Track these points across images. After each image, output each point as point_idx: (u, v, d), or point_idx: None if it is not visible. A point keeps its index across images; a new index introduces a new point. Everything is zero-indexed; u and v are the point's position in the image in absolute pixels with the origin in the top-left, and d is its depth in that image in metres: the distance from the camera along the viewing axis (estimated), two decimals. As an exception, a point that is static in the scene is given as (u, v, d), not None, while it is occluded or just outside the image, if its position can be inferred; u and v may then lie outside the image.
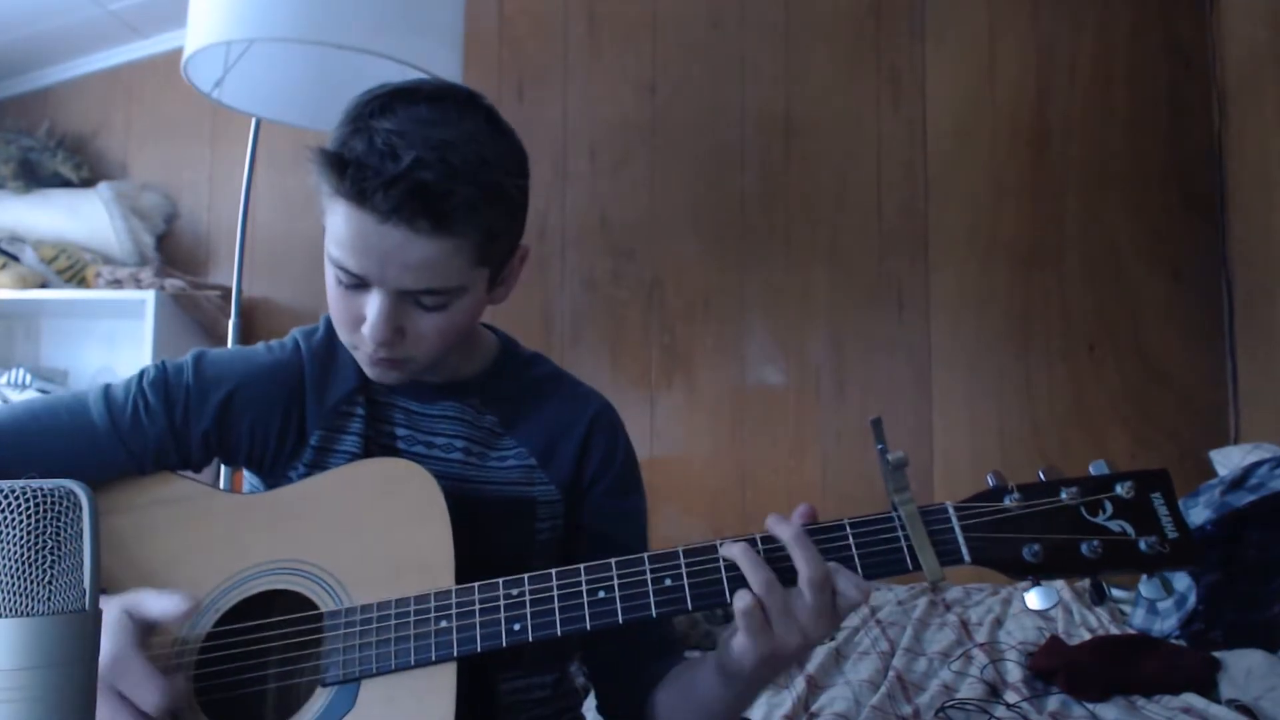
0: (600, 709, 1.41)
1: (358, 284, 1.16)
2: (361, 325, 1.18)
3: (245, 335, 2.76)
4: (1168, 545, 1.01)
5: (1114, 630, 2.24)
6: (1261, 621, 2.05)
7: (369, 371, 1.26)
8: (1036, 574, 1.04)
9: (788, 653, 1.06)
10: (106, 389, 1.28)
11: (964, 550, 1.05)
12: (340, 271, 1.16)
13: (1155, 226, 3.11)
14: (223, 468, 2.25)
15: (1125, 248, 3.11)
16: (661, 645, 1.33)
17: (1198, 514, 2.19)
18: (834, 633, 2.18)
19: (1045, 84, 3.19)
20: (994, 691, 1.96)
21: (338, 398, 1.32)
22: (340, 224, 1.13)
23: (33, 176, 3.31)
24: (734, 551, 1.07)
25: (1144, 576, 1.04)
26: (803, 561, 1.04)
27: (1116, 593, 2.56)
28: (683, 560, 1.09)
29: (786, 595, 1.05)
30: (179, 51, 2.36)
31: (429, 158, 1.09)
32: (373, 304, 1.16)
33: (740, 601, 1.05)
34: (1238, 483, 2.21)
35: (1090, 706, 1.83)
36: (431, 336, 1.20)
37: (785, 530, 1.07)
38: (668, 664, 1.30)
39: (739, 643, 1.07)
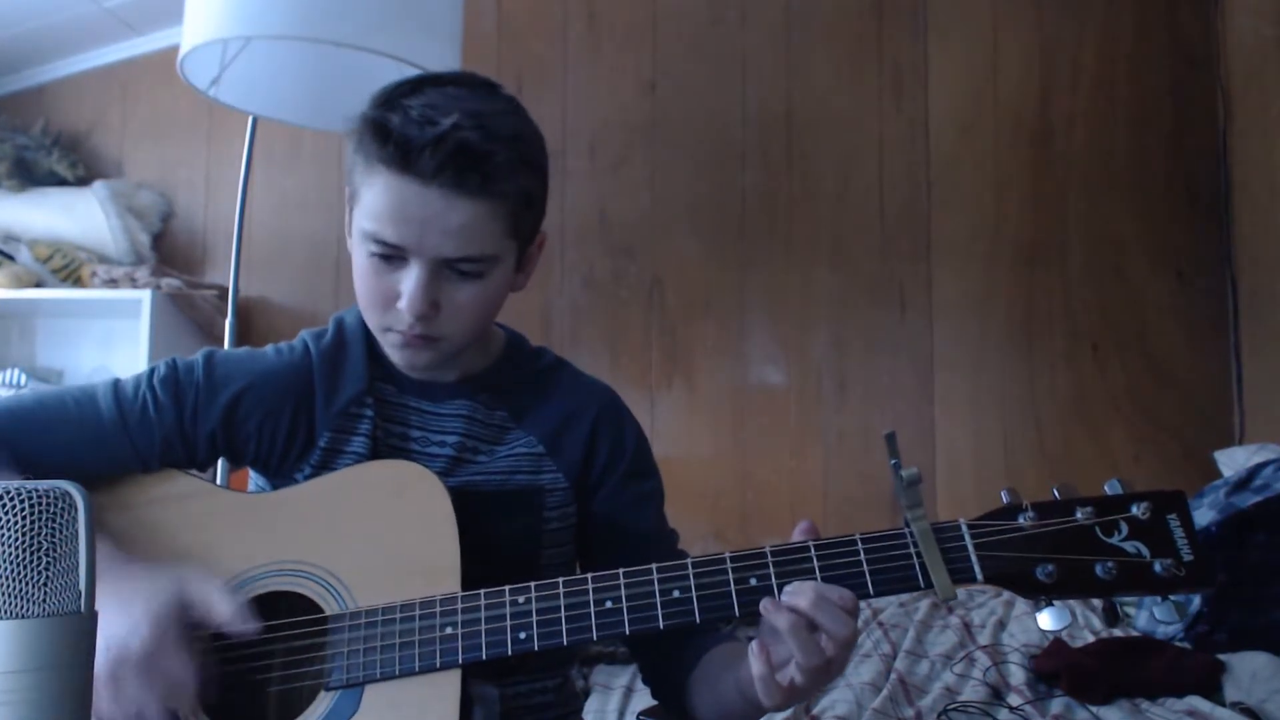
0: (644, 680, 1.42)
1: (394, 256, 1.18)
2: (396, 302, 1.19)
3: (242, 335, 2.75)
4: (1183, 569, 1.01)
5: (1118, 633, 2.23)
6: (1267, 624, 2.04)
7: (398, 356, 1.26)
8: (1049, 594, 1.04)
9: (810, 694, 1.07)
10: (116, 383, 1.29)
11: (976, 569, 1.04)
12: (376, 245, 1.18)
13: (1159, 225, 3.11)
14: (220, 466, 2.23)
15: (1129, 247, 3.11)
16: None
17: (1202, 515, 2.18)
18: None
19: (1048, 82, 3.19)
20: (997, 694, 1.96)
21: (346, 399, 1.32)
22: (380, 193, 1.15)
23: (28, 175, 3.30)
24: (782, 625, 1.03)
25: (1158, 599, 1.04)
26: (834, 624, 1.02)
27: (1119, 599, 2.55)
28: (691, 572, 1.09)
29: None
30: (175, 49, 2.35)
31: (467, 123, 1.14)
32: (410, 276, 1.18)
33: (773, 694, 1.04)
34: (1243, 484, 2.20)
35: (1094, 709, 1.82)
36: (466, 309, 1.22)
37: (801, 600, 1.03)
38: (699, 646, 1.30)
39: (759, 692, 1.06)
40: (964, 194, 3.19)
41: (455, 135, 1.12)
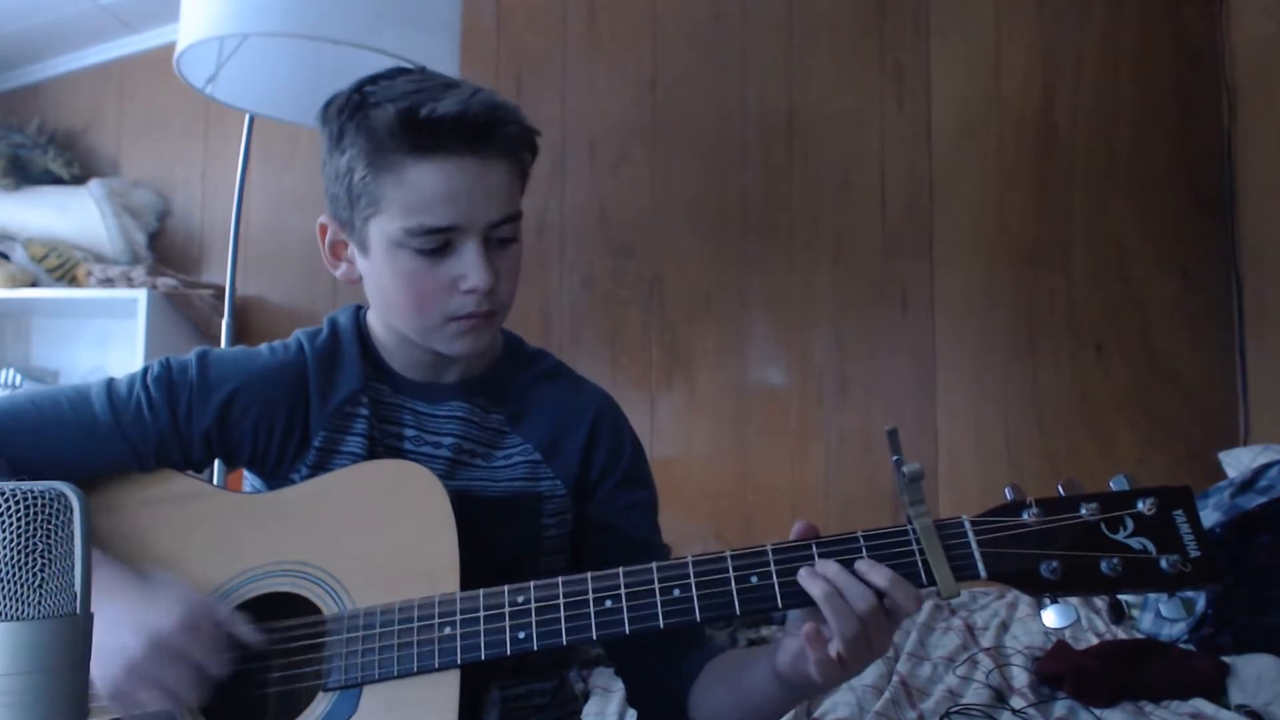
0: (631, 701, 1.40)
1: (445, 243, 1.19)
2: (457, 287, 1.21)
3: (239, 335, 2.74)
4: (1190, 564, 1.00)
5: (1121, 635, 2.22)
6: (1271, 626, 2.04)
7: (463, 344, 1.26)
8: (1054, 591, 1.03)
9: (855, 671, 1.07)
10: (109, 383, 1.28)
11: (980, 566, 1.04)
12: (423, 239, 1.19)
13: (1163, 224, 3.10)
14: (217, 466, 2.22)
15: (1133, 246, 3.10)
16: (690, 638, 1.31)
17: (1207, 516, 2.17)
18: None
19: (1051, 80, 3.18)
20: (1000, 697, 1.95)
21: (341, 398, 1.31)
22: (417, 185, 1.17)
23: (23, 174, 3.28)
24: (815, 591, 1.03)
25: (1164, 596, 1.03)
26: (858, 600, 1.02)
27: (1124, 597, 2.54)
28: (691, 570, 1.08)
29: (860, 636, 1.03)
30: (171, 46, 2.35)
31: (469, 89, 1.18)
32: (468, 253, 1.20)
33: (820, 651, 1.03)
34: (1247, 485, 2.20)
35: (1097, 712, 1.81)
36: (513, 273, 1.26)
37: (880, 576, 1.04)
38: (699, 657, 1.29)
39: (806, 669, 1.05)
40: (966, 193, 3.18)
41: (474, 101, 1.16)
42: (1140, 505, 1.03)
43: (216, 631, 1.10)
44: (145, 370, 1.29)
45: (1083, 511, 1.03)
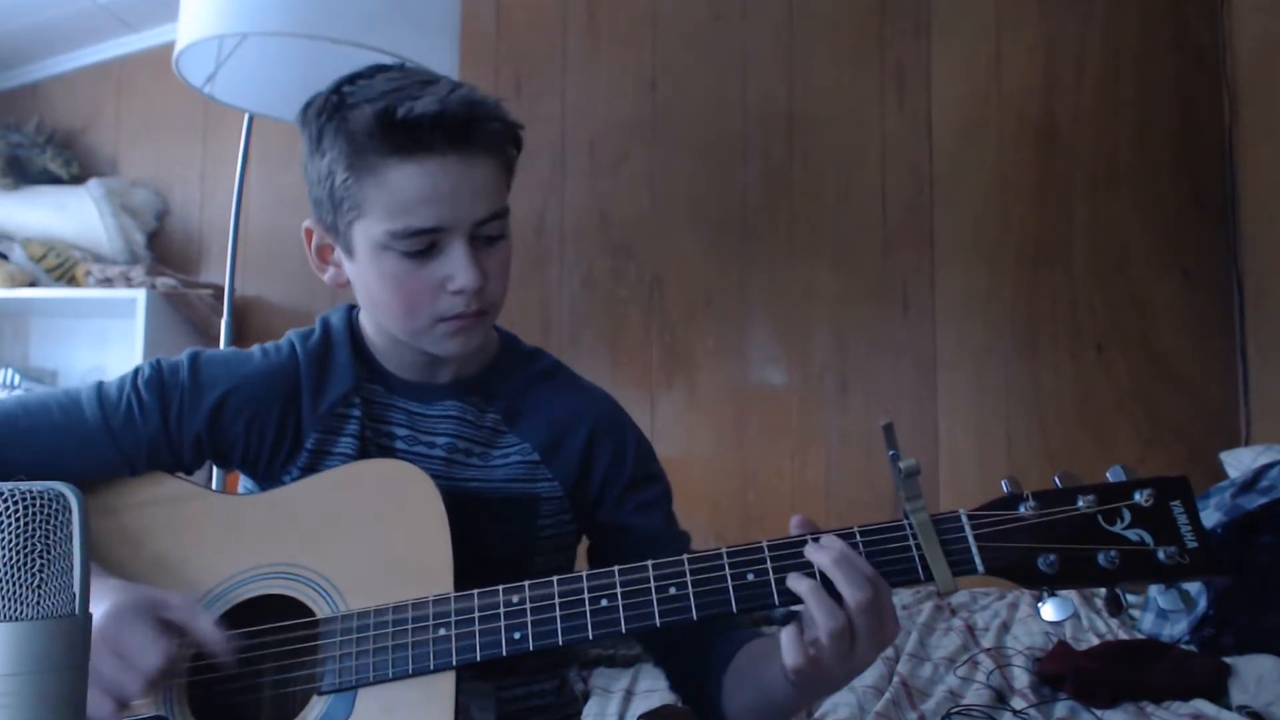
0: (672, 687, 1.39)
1: (431, 244, 1.18)
2: (445, 287, 1.19)
3: (238, 335, 2.73)
4: (1187, 555, 1.00)
5: (1123, 635, 2.22)
6: (1272, 626, 2.03)
7: (454, 344, 1.25)
8: (1052, 585, 1.03)
9: (856, 670, 1.06)
10: (100, 386, 1.27)
11: (977, 560, 1.03)
12: (409, 241, 1.17)
13: (1164, 224, 3.09)
14: (214, 469, 2.21)
15: (1134, 246, 3.09)
16: (719, 626, 1.29)
17: (1208, 517, 2.17)
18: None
19: (1053, 79, 3.18)
20: (1001, 698, 1.95)
21: (333, 399, 1.30)
22: (399, 187, 1.15)
23: (21, 173, 3.28)
24: (801, 589, 1.02)
25: (1161, 587, 1.03)
26: (850, 586, 1.01)
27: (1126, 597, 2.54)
28: (687, 568, 1.07)
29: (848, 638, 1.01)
30: (171, 46, 2.34)
31: (446, 88, 1.16)
32: (455, 253, 1.18)
33: (796, 654, 1.02)
34: (1249, 485, 2.19)
35: (1098, 713, 1.81)
36: (502, 271, 1.24)
37: (824, 556, 1.03)
38: (733, 640, 1.27)
39: (799, 675, 1.04)
40: (967, 192, 3.18)
41: (452, 99, 1.14)
42: (1137, 496, 1.02)
43: (153, 622, 1.07)
44: (136, 372, 1.27)
45: (1079, 504, 1.03)
